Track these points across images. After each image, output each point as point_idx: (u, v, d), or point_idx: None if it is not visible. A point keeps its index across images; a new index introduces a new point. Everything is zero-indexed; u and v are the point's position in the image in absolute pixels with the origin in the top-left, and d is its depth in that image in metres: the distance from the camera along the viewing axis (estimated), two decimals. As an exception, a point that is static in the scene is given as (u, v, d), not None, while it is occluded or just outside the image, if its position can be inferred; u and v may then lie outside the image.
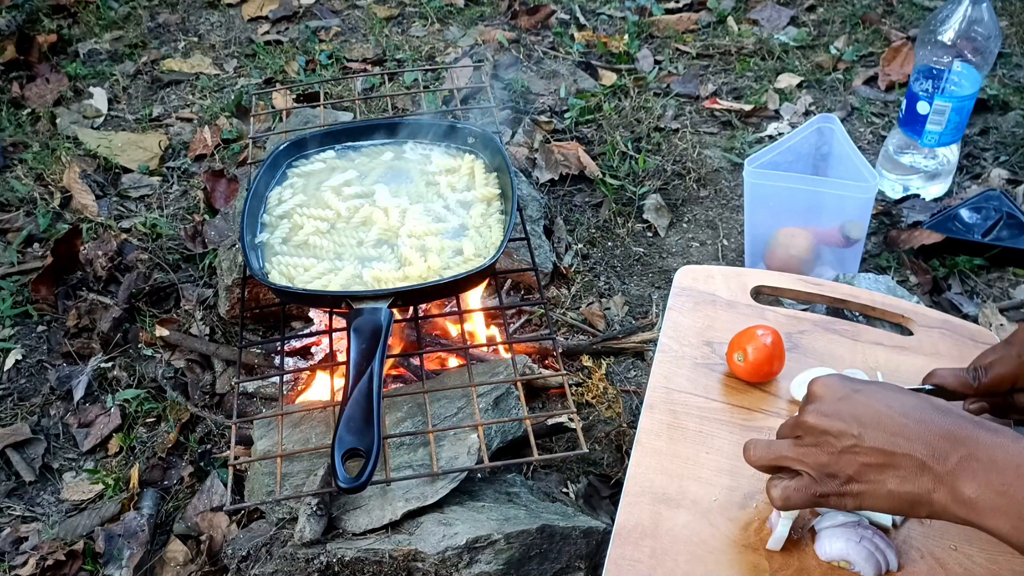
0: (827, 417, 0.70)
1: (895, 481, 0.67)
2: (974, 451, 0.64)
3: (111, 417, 1.36)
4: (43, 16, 2.32)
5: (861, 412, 0.69)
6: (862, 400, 0.70)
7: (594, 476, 1.25)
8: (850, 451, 0.69)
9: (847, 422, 0.69)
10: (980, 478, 0.63)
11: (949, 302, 1.46)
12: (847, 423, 0.69)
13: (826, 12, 2.23)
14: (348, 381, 0.95)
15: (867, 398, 0.70)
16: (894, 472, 0.67)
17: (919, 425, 0.67)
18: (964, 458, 0.64)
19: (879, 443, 0.67)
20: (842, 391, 0.72)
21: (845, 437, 0.69)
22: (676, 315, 1.03)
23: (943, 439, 0.65)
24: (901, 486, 0.67)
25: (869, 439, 0.68)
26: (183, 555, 1.18)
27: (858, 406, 0.70)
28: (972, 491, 0.63)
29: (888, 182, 1.67)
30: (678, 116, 1.93)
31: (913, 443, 0.66)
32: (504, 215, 1.21)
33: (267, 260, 1.17)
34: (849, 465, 0.69)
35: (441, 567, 0.98)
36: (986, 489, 0.62)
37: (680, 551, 0.80)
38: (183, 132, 1.97)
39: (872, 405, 0.69)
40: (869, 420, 0.68)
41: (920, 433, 0.66)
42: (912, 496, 0.66)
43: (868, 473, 0.68)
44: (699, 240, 1.64)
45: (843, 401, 0.71)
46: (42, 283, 1.54)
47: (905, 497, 0.67)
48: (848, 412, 0.70)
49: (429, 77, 2.12)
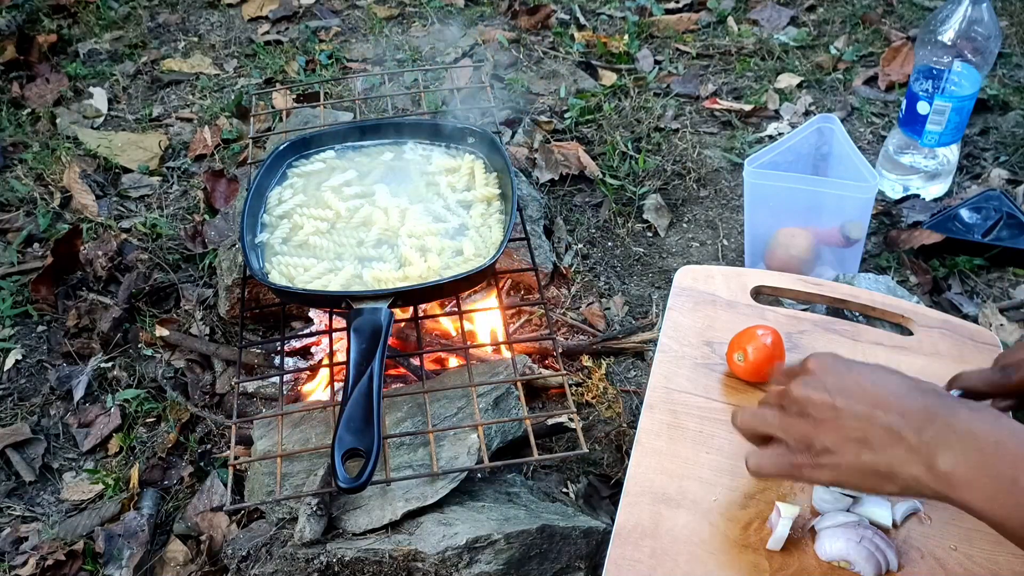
0: (812, 389, 0.72)
1: (869, 453, 0.68)
2: (952, 424, 0.64)
3: (111, 417, 1.36)
4: (43, 16, 2.32)
5: (845, 385, 0.71)
6: (848, 375, 0.72)
7: (594, 476, 1.25)
8: (829, 422, 0.70)
9: (830, 394, 0.71)
10: (956, 451, 0.63)
11: (949, 302, 1.46)
12: (830, 395, 0.71)
13: (826, 12, 2.23)
14: (348, 381, 0.95)
15: (854, 374, 0.72)
16: (869, 443, 0.68)
17: (898, 399, 0.68)
18: (941, 431, 0.64)
19: (858, 416, 0.69)
20: (834, 367, 0.73)
21: (826, 408, 0.70)
22: (676, 315, 1.03)
23: (921, 412, 0.66)
24: (875, 457, 0.67)
25: (848, 411, 0.69)
26: (183, 555, 1.18)
27: (843, 380, 0.71)
28: (948, 464, 0.63)
29: (888, 182, 1.67)
30: (678, 116, 1.93)
31: (890, 415, 0.67)
32: (504, 215, 1.21)
33: (267, 260, 1.17)
34: (827, 436, 0.70)
35: (441, 567, 0.98)
36: (962, 462, 0.63)
37: (680, 551, 0.80)
38: (183, 132, 1.97)
39: (857, 380, 0.71)
40: (851, 392, 0.70)
41: (898, 406, 0.67)
42: (885, 467, 0.67)
43: (845, 445, 0.69)
44: (699, 240, 1.64)
45: (831, 375, 0.72)
46: (42, 283, 1.54)
47: (879, 468, 0.67)
48: (834, 385, 0.71)
49: (429, 77, 2.12)
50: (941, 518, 0.81)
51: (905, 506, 0.81)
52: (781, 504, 0.80)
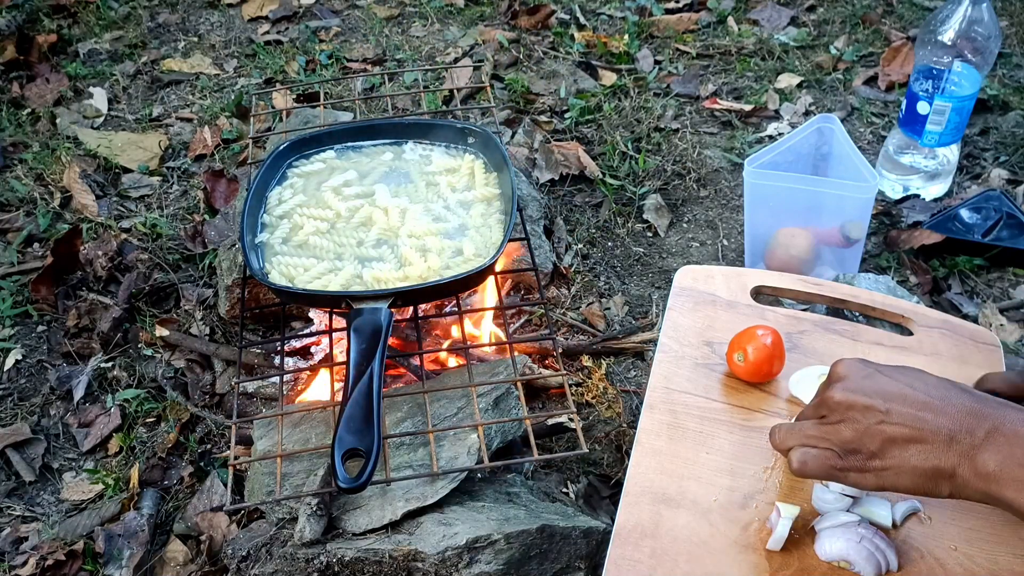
0: (853, 393, 0.71)
1: (919, 456, 0.67)
2: (999, 425, 0.65)
3: (111, 417, 1.36)
4: (43, 16, 2.32)
5: (887, 388, 0.70)
6: (886, 378, 0.71)
7: (594, 476, 1.25)
8: (876, 426, 0.69)
9: (873, 397, 0.70)
10: (1004, 451, 0.64)
11: (949, 302, 1.46)
12: (873, 398, 0.70)
13: (826, 12, 2.23)
14: (348, 381, 0.95)
15: (891, 376, 0.71)
16: (920, 447, 0.67)
17: (944, 401, 0.68)
18: (990, 432, 0.65)
19: (906, 418, 0.68)
20: (866, 370, 0.72)
21: (872, 412, 0.69)
22: (676, 315, 1.03)
23: (969, 415, 0.66)
24: (926, 461, 0.67)
25: (896, 414, 0.68)
26: (183, 555, 1.18)
27: (883, 383, 0.70)
28: (995, 464, 0.64)
29: (888, 182, 1.67)
30: (678, 116, 1.93)
31: (940, 418, 0.67)
32: (504, 215, 1.21)
33: (267, 260, 1.17)
34: (873, 440, 0.69)
35: (441, 567, 0.98)
36: (1009, 461, 0.63)
37: (680, 551, 0.80)
38: (183, 132, 1.97)
39: (897, 382, 0.70)
40: (895, 396, 0.69)
41: (946, 408, 0.67)
42: (936, 471, 0.67)
43: (893, 448, 0.68)
44: (699, 240, 1.64)
45: (868, 379, 0.71)
46: (42, 283, 1.54)
47: (929, 472, 0.67)
48: (873, 388, 0.70)
49: (429, 77, 2.12)
50: (941, 518, 0.81)
51: (905, 506, 0.81)
52: (781, 504, 0.80)
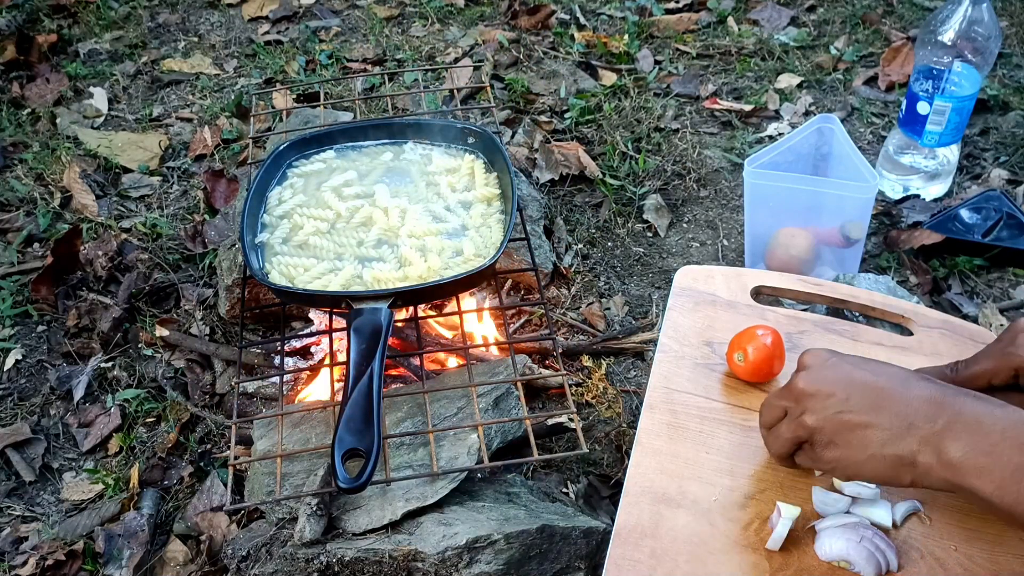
0: (815, 382, 0.72)
1: (879, 443, 0.68)
2: (960, 414, 0.66)
3: (111, 417, 1.36)
4: (43, 16, 2.32)
5: (847, 376, 0.72)
6: (848, 367, 0.72)
7: (594, 476, 1.25)
8: (836, 415, 0.71)
9: (833, 385, 0.71)
10: (965, 439, 0.64)
11: (949, 302, 1.46)
12: (834, 386, 0.71)
13: (826, 12, 2.23)
14: (348, 381, 0.95)
15: (853, 365, 0.73)
16: (879, 433, 0.68)
17: (904, 389, 0.69)
18: (950, 420, 0.66)
19: (865, 405, 0.69)
20: (830, 359, 0.74)
21: (832, 399, 0.71)
22: (676, 315, 1.03)
23: (929, 402, 0.67)
24: (884, 448, 0.68)
25: (855, 400, 0.70)
26: (183, 555, 1.18)
27: (845, 371, 0.72)
28: (958, 452, 0.64)
29: (888, 182, 1.67)
30: (678, 116, 1.93)
31: (899, 404, 0.68)
32: (504, 215, 1.21)
33: (267, 260, 1.17)
34: (834, 428, 0.71)
35: (441, 567, 0.98)
36: (972, 450, 0.64)
37: (680, 551, 0.80)
38: (183, 132, 1.97)
39: (858, 371, 0.72)
40: (855, 383, 0.71)
41: (906, 395, 0.68)
42: (896, 458, 0.68)
43: (852, 435, 0.70)
44: (699, 240, 1.64)
45: (830, 368, 0.73)
46: (42, 283, 1.54)
47: (889, 459, 0.68)
48: (834, 376, 0.72)
49: (429, 77, 2.12)
50: (941, 518, 0.81)
51: (905, 506, 0.81)
52: (781, 504, 0.80)
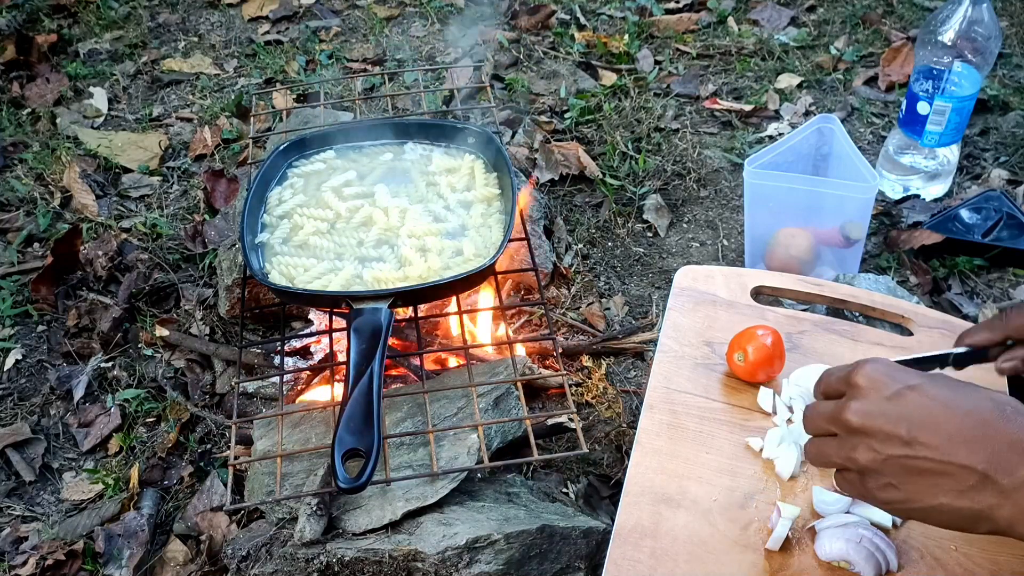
0: (871, 417, 0.62)
1: (951, 494, 0.60)
2: None
3: (111, 417, 1.36)
4: (43, 16, 2.32)
5: (913, 413, 0.61)
6: (914, 399, 0.61)
7: (594, 476, 1.25)
8: (898, 459, 0.61)
9: (895, 424, 0.61)
10: None
11: (949, 302, 1.46)
12: (895, 425, 0.61)
13: (826, 12, 2.23)
14: (348, 381, 0.95)
15: (920, 396, 0.61)
16: (949, 483, 0.60)
17: (981, 430, 0.59)
18: None
19: (933, 451, 0.59)
20: (892, 387, 0.62)
21: (892, 442, 0.61)
22: (676, 315, 1.03)
23: (1010, 448, 0.58)
24: (957, 500, 0.59)
25: (921, 446, 0.60)
26: (183, 555, 1.18)
27: (909, 406, 0.61)
28: None
29: (888, 182, 1.67)
30: (678, 116, 1.93)
31: (974, 452, 0.58)
32: (504, 215, 1.21)
33: (267, 260, 1.17)
34: (895, 472, 0.61)
35: (441, 567, 0.98)
36: None
37: (680, 551, 0.80)
38: (183, 132, 1.97)
39: (926, 405, 0.61)
40: (922, 423, 0.60)
41: (983, 440, 0.58)
42: (971, 512, 0.59)
43: (918, 482, 0.61)
44: (699, 240, 1.64)
45: (892, 400, 0.62)
46: (42, 283, 1.54)
47: (962, 511, 0.60)
48: (896, 413, 0.61)
49: (429, 77, 2.12)
50: (941, 518, 0.81)
51: (905, 506, 0.81)
52: (781, 504, 0.80)
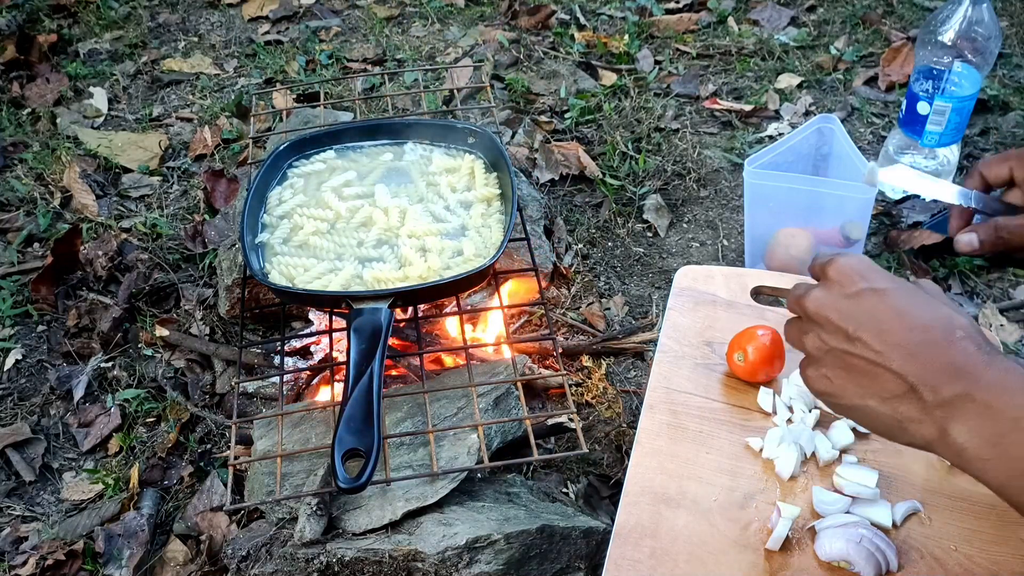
0: (825, 308, 0.64)
1: (876, 398, 0.61)
2: (971, 390, 0.57)
3: (111, 417, 1.36)
4: (43, 16, 2.32)
5: (864, 313, 0.62)
6: (871, 301, 0.62)
7: (594, 476, 1.25)
8: (840, 353, 0.63)
9: (844, 319, 0.62)
10: (972, 422, 0.57)
11: (949, 302, 1.46)
12: (844, 320, 0.62)
13: (826, 12, 2.23)
14: (348, 381, 0.95)
15: (879, 300, 0.62)
16: (878, 386, 0.61)
17: (924, 346, 0.59)
18: (959, 396, 0.58)
19: (870, 353, 0.61)
20: (856, 285, 0.63)
21: (838, 336, 0.63)
22: (676, 315, 1.03)
23: (943, 369, 0.59)
24: (882, 405, 0.61)
25: (861, 345, 0.61)
26: (183, 555, 1.18)
27: (864, 306, 0.62)
28: (962, 436, 0.58)
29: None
30: (678, 116, 1.93)
31: (908, 363, 0.59)
32: (504, 215, 1.21)
33: (267, 260, 1.17)
34: (832, 365, 0.63)
35: (441, 567, 0.98)
36: (976, 436, 0.57)
37: (680, 551, 0.80)
38: (183, 132, 1.97)
39: (880, 310, 0.62)
40: (869, 324, 0.61)
41: (921, 355, 0.59)
42: (892, 420, 0.61)
43: (851, 378, 0.62)
44: (699, 240, 1.64)
45: (850, 298, 0.63)
46: (42, 283, 1.54)
47: (884, 418, 0.61)
48: (849, 309, 0.62)
49: (429, 77, 2.12)
50: (941, 518, 0.81)
51: (905, 506, 0.81)
52: (781, 504, 0.80)
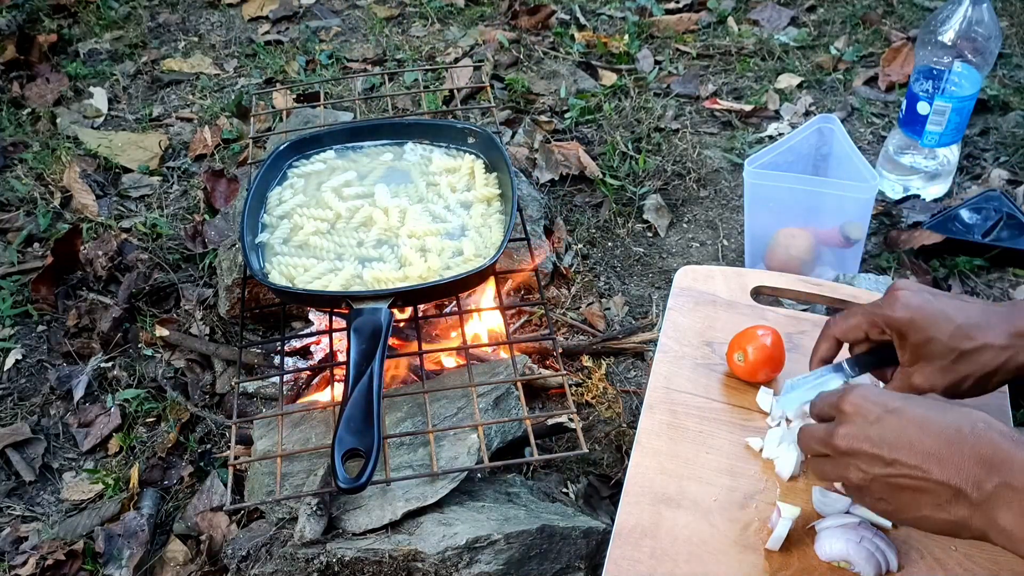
0: (857, 440, 0.68)
1: (930, 507, 0.66)
2: (1009, 479, 0.62)
3: (111, 417, 1.36)
4: (43, 16, 2.32)
5: (892, 435, 0.67)
6: (893, 422, 0.67)
7: (594, 476, 1.25)
8: (883, 477, 0.67)
9: (877, 446, 0.67)
10: (1016, 507, 0.61)
11: (949, 302, 1.46)
12: (877, 447, 0.67)
13: (826, 12, 2.23)
14: (348, 381, 0.95)
15: (899, 419, 0.67)
16: (928, 498, 0.66)
17: (953, 449, 0.65)
18: (999, 486, 0.62)
19: (911, 470, 0.66)
20: (874, 412, 0.69)
21: (876, 463, 0.67)
22: (676, 315, 1.03)
23: (978, 464, 0.63)
24: (936, 513, 0.66)
25: (901, 465, 0.66)
26: (183, 555, 1.18)
27: (889, 428, 0.67)
28: (1008, 521, 0.62)
29: (888, 182, 1.67)
30: (678, 116, 1.93)
31: (946, 469, 0.64)
32: (504, 215, 1.21)
33: (267, 260, 1.17)
34: (881, 489, 0.68)
35: (441, 567, 0.98)
36: (1021, 517, 0.61)
37: (680, 551, 0.80)
38: (183, 132, 1.97)
39: (904, 427, 0.67)
40: (899, 443, 0.66)
41: (954, 457, 0.64)
42: (950, 523, 0.65)
43: (902, 497, 0.67)
44: (699, 240, 1.64)
45: (875, 424, 0.68)
46: (42, 283, 1.54)
47: (942, 521, 0.66)
48: (878, 436, 0.67)
49: (429, 77, 2.12)
50: (941, 518, 0.81)
51: (905, 506, 0.81)
52: (782, 504, 0.80)
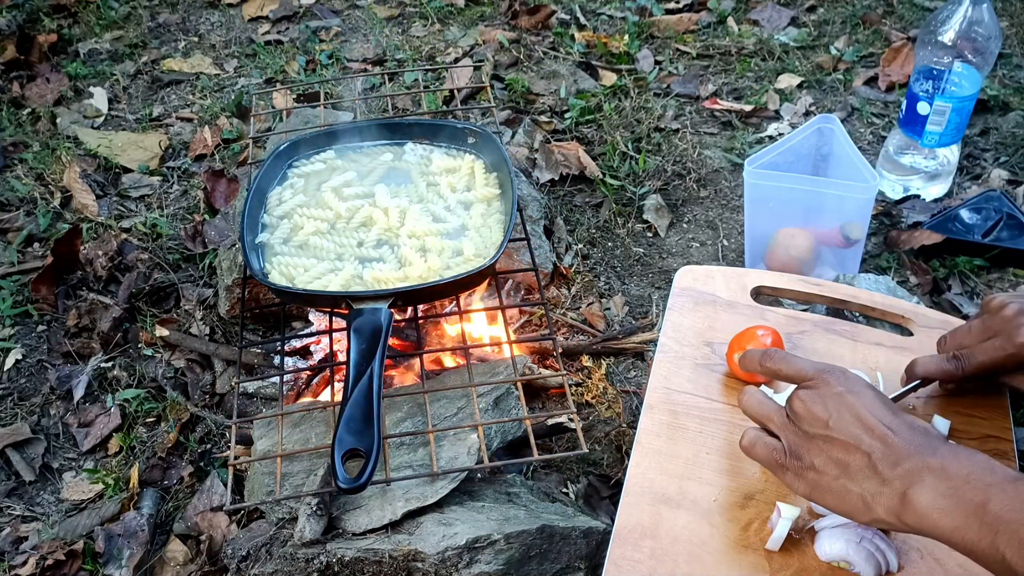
0: (813, 403, 0.74)
1: (845, 479, 0.71)
2: (928, 462, 0.67)
3: (111, 417, 1.36)
4: (43, 16, 2.32)
5: (838, 405, 0.73)
6: (847, 398, 0.73)
7: (594, 476, 1.25)
8: (819, 440, 0.73)
9: (825, 411, 0.73)
10: (928, 485, 0.66)
11: (949, 303, 1.46)
12: (824, 411, 0.73)
13: (826, 12, 2.23)
14: (348, 381, 0.95)
15: (853, 397, 0.73)
16: (848, 469, 0.70)
17: (885, 430, 0.70)
18: (916, 466, 0.67)
19: (844, 438, 0.71)
20: (836, 387, 0.75)
21: (819, 425, 0.73)
22: (676, 315, 1.03)
23: (902, 446, 0.69)
24: (850, 484, 0.70)
25: (837, 431, 0.72)
26: (183, 555, 1.18)
27: (840, 400, 0.73)
28: (920, 498, 0.66)
29: (888, 183, 1.67)
30: (678, 116, 1.93)
31: (873, 442, 0.70)
32: (504, 215, 1.21)
33: (267, 260, 1.17)
34: (814, 453, 0.73)
35: (441, 567, 0.98)
36: (932, 493, 0.65)
37: (680, 551, 0.80)
38: (183, 132, 1.97)
39: (852, 403, 0.73)
40: (844, 416, 0.72)
41: (883, 436, 0.70)
42: (859, 496, 0.69)
43: (827, 465, 0.72)
44: (699, 240, 1.64)
45: (831, 397, 0.74)
46: (42, 283, 1.54)
47: (853, 495, 0.70)
48: (832, 405, 0.73)
49: (429, 77, 2.12)
50: (941, 518, 0.81)
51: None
52: (781, 504, 0.80)
